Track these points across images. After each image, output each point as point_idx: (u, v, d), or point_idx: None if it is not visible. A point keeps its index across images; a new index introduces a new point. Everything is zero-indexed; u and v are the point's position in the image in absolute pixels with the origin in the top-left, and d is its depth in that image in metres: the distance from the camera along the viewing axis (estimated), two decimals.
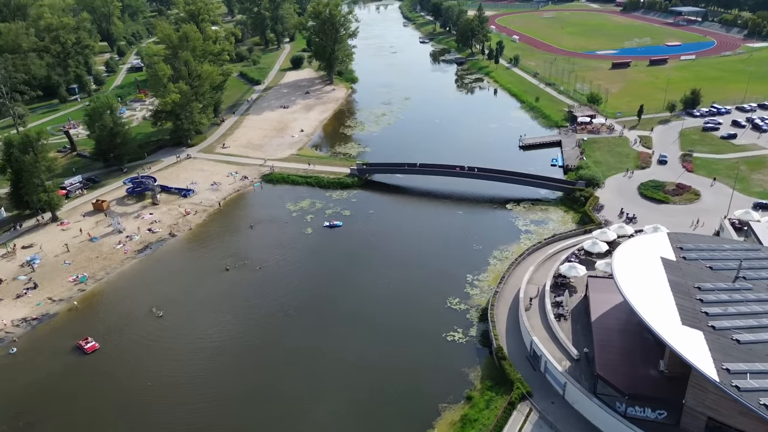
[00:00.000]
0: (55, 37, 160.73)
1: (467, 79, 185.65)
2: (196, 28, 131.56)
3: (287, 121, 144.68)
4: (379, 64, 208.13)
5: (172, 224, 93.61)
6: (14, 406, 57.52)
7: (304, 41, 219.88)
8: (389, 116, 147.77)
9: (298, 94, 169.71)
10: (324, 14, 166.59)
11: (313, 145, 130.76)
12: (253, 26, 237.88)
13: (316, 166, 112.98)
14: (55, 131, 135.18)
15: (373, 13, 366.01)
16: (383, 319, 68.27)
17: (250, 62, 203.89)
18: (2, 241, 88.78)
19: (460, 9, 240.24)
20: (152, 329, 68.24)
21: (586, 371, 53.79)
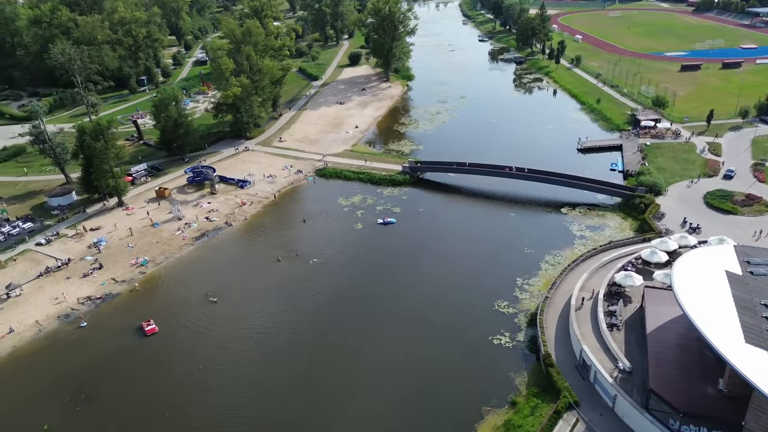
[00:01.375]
0: (128, 30, 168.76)
1: (526, 79, 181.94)
2: (258, 24, 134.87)
3: (342, 117, 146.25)
4: (436, 62, 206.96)
5: (229, 214, 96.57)
6: (77, 379, 60.92)
7: (362, 38, 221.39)
8: (444, 114, 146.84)
9: (354, 90, 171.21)
10: (383, 11, 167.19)
11: (366, 141, 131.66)
12: (313, 22, 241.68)
13: (371, 162, 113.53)
14: (124, 120, 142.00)
15: (432, 10, 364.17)
16: (430, 318, 68.06)
17: (309, 58, 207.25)
18: (72, 223, 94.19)
19: (521, 7, 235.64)
20: (206, 314, 70.69)
21: (638, 385, 51.84)
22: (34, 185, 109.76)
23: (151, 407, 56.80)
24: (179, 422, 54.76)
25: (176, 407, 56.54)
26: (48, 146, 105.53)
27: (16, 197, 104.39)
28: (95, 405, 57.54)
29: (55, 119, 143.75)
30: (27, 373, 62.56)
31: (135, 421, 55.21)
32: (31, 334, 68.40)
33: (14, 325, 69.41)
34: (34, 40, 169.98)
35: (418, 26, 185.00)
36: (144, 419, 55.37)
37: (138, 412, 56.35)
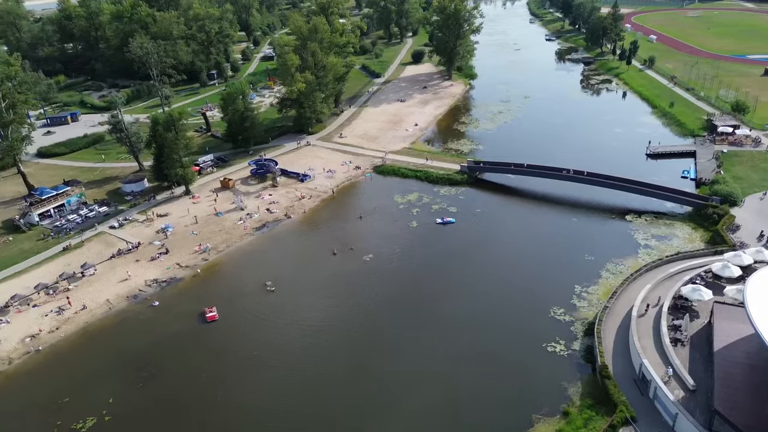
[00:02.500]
0: (201, 26, 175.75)
1: (594, 80, 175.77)
2: (325, 21, 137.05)
3: (403, 114, 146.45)
4: (501, 61, 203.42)
5: (288, 206, 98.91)
6: (142, 357, 64.22)
7: (426, 36, 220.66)
8: (506, 114, 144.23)
9: (415, 88, 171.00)
10: (449, 9, 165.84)
11: (426, 139, 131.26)
12: (378, 20, 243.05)
13: (432, 161, 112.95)
14: (194, 112, 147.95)
15: (498, 8, 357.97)
16: (482, 320, 67.19)
17: (372, 55, 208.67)
18: (143, 209, 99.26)
19: (592, 5, 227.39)
20: (263, 303, 72.76)
21: (702, 404, 49.18)
22: (110, 171, 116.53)
23: (207, 389, 59.08)
24: (231, 405, 56.69)
25: (229, 391, 58.50)
26: (124, 135, 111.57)
27: (93, 182, 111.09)
28: (156, 383, 60.46)
29: (131, 110, 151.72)
30: (96, 348, 66.57)
31: (191, 401, 57.61)
32: (102, 312, 72.70)
33: (87, 302, 73.99)
34: (115, 35, 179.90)
35: (483, 24, 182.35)
36: (199, 399, 57.67)
37: (194, 392, 58.76)
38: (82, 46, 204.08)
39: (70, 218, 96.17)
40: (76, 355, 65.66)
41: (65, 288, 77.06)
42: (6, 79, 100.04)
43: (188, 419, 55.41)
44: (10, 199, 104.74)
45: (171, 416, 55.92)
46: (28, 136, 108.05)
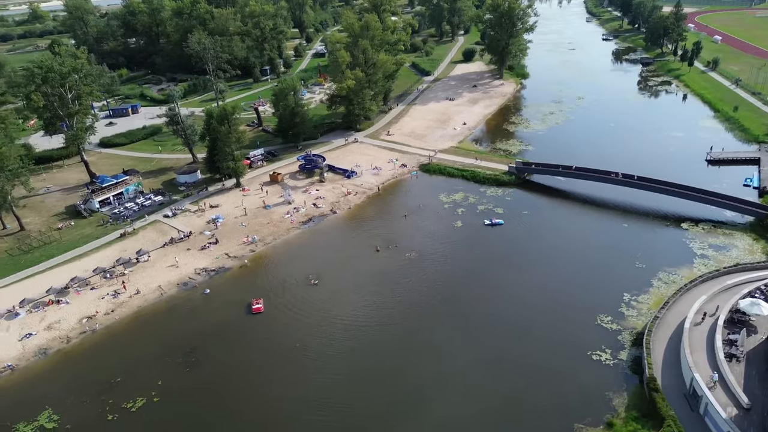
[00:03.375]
0: (257, 22, 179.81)
1: (652, 82, 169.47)
2: (377, 18, 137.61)
3: (451, 113, 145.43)
4: (554, 61, 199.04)
5: (334, 202, 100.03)
6: (189, 342, 66.49)
7: (478, 34, 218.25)
8: (558, 115, 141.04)
9: (465, 87, 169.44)
10: (503, 7, 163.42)
11: (473, 138, 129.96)
12: (430, 18, 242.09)
13: (480, 161, 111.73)
14: (246, 107, 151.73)
15: (554, 7, 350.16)
16: (525, 324, 66.05)
17: (422, 53, 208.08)
18: (195, 200, 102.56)
19: (653, 4, 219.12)
20: (306, 297, 73.90)
21: (757, 424, 46.80)
22: (166, 162, 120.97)
23: (250, 377, 60.62)
24: (273, 393, 57.99)
25: (271, 380, 59.82)
26: (180, 127, 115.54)
27: (150, 172, 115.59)
28: (202, 368, 62.47)
29: (187, 103, 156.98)
30: (148, 332, 69.37)
31: (235, 388, 59.16)
32: (154, 297, 75.67)
33: (141, 287, 77.16)
34: (175, 30, 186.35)
35: (538, 23, 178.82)
36: (243, 387, 59.20)
37: (238, 379, 60.36)
38: (144, 41, 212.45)
39: (128, 206, 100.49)
40: (129, 337, 68.60)
41: (121, 273, 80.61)
42: (73, 72, 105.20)
43: (232, 405, 56.93)
44: (74, 186, 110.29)
45: (215, 401, 57.63)
46: (92, 126, 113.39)
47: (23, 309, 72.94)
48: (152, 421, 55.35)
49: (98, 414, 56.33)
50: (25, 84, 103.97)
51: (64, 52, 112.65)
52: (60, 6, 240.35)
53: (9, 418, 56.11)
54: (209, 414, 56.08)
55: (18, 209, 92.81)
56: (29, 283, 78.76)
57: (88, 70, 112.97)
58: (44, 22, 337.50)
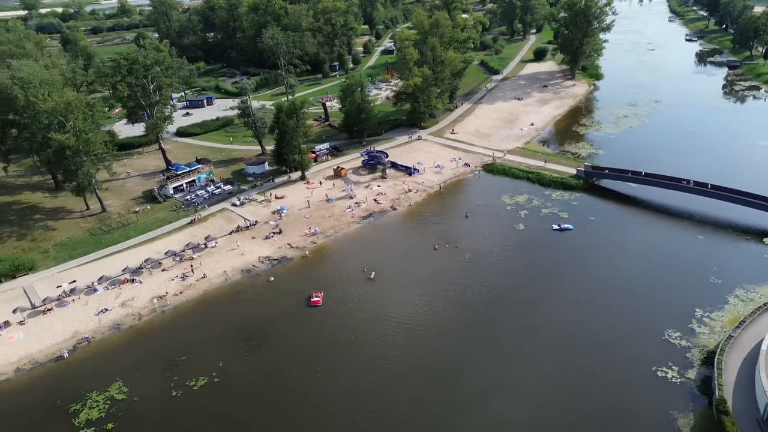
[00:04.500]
0: (328, 19, 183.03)
1: (738, 86, 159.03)
2: (447, 16, 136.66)
3: (518, 113, 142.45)
4: (631, 61, 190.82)
5: (395, 198, 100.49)
6: (249, 328, 68.88)
7: (551, 33, 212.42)
8: (632, 119, 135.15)
9: (535, 86, 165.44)
10: (578, 5, 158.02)
11: (541, 140, 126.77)
12: (502, 15, 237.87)
13: (549, 163, 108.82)
14: (315, 102, 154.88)
15: (634, 5, 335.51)
16: (587, 334, 63.86)
17: (492, 51, 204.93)
18: (262, 190, 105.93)
19: (744, 4, 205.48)
20: (363, 291, 74.75)
21: None
22: (236, 153, 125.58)
23: (307, 365, 61.98)
24: (328, 382, 59.05)
25: (326, 369, 60.91)
26: (251, 120, 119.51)
27: (221, 162, 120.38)
28: (261, 353, 64.58)
29: (259, 96, 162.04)
30: (212, 315, 72.39)
31: (291, 374, 60.79)
32: (220, 282, 78.89)
33: (207, 271, 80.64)
34: (250, 25, 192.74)
35: (615, 22, 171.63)
36: (299, 374, 60.72)
37: (295, 366, 61.96)
38: (221, 36, 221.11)
39: (199, 193, 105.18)
40: (194, 318, 71.90)
41: (190, 257, 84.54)
42: (155, 64, 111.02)
43: (287, 390, 58.52)
44: (151, 172, 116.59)
45: (272, 386, 59.45)
46: (170, 116, 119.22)
47: (101, 285, 77.99)
48: (212, 401, 57.73)
49: (163, 389, 59.44)
50: (112, 74, 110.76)
51: (148, 45, 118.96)
52: (146, 1, 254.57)
53: (83, 387, 60.23)
54: (266, 397, 57.88)
55: (101, 192, 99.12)
56: (108, 262, 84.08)
57: (169, 63, 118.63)
58: (131, 16, 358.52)
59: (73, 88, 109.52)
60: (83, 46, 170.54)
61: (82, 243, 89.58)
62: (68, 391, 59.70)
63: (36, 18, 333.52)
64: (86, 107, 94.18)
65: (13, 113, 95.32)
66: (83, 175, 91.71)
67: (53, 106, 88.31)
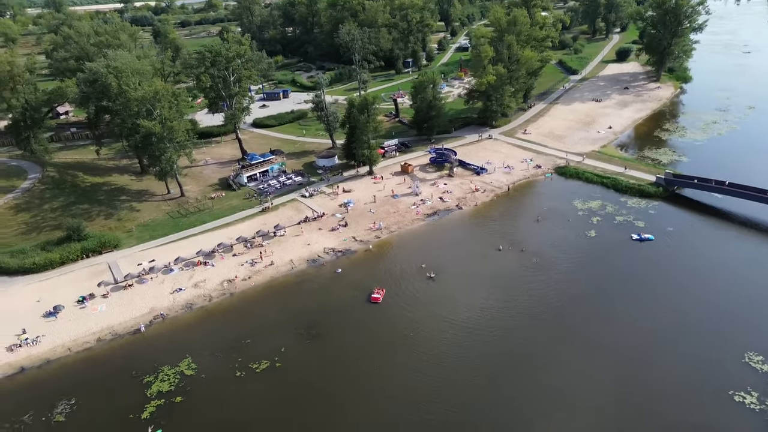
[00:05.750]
0: (404, 15, 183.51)
1: None
2: (526, 13, 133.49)
3: (596, 115, 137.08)
4: (724, 64, 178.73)
5: (461, 197, 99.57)
6: (311, 317, 70.48)
7: (636, 32, 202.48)
8: (721, 125, 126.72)
9: (615, 88, 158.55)
10: (668, 4, 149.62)
11: (619, 144, 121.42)
12: (584, 13, 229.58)
13: (628, 170, 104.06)
14: (386, 98, 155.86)
15: (730, 5, 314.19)
16: (657, 351, 60.52)
17: (571, 51, 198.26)
18: (331, 183, 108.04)
19: None
20: (423, 290, 74.58)
21: None
22: (308, 146, 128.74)
23: (364, 358, 62.81)
24: (383, 377, 59.60)
25: (382, 363, 61.50)
26: (324, 114, 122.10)
27: (293, 154, 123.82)
28: (322, 342, 66.03)
29: (332, 91, 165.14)
30: (277, 301, 74.85)
31: (349, 365, 61.78)
32: (286, 270, 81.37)
33: (275, 259, 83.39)
34: (328, 21, 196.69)
35: (708, 22, 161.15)
36: (357, 366, 61.66)
37: (353, 357, 62.93)
38: (300, 31, 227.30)
39: (271, 183, 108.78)
40: (260, 303, 74.61)
41: (259, 244, 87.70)
42: (237, 57, 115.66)
43: (344, 381, 59.58)
44: (228, 161, 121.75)
45: (330, 376, 60.60)
46: (248, 107, 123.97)
47: (177, 266, 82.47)
48: (273, 384, 59.69)
49: (229, 369, 62.14)
50: (196, 66, 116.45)
51: (231, 38, 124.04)
52: None
53: (156, 360, 64.03)
54: (323, 386, 59.08)
55: (181, 177, 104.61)
56: (184, 244, 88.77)
57: (249, 56, 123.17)
58: (217, 10, 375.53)
59: (161, 78, 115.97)
60: (172, 39, 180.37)
61: (161, 225, 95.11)
62: (143, 363, 63.68)
63: (131, 11, 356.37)
64: (172, 96, 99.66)
65: (107, 100, 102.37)
66: (166, 161, 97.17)
67: (143, 94, 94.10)
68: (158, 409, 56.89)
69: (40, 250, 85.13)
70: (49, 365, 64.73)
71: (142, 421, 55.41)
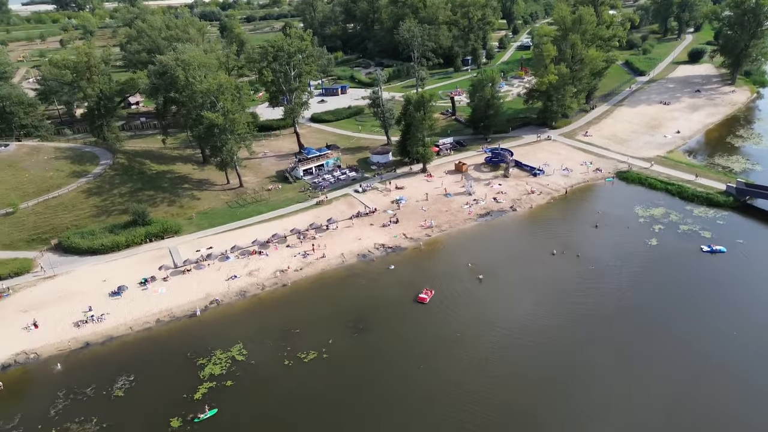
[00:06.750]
0: (465, 12, 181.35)
1: None
2: (592, 12, 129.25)
3: (663, 119, 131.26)
4: None
5: (516, 199, 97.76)
6: (359, 311, 71.23)
7: (710, 33, 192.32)
8: None
9: (685, 91, 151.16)
10: (747, 3, 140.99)
11: (687, 150, 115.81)
12: (655, 12, 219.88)
13: (698, 177, 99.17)
14: (443, 96, 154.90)
15: None
16: (718, 371, 57.58)
17: (639, 51, 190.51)
18: (384, 179, 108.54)
19: None
20: (471, 291, 73.74)
21: None
22: (363, 142, 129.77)
23: (409, 356, 62.85)
24: (428, 376, 59.46)
25: (427, 362, 61.39)
26: (380, 110, 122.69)
27: (348, 149, 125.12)
28: (369, 337, 66.65)
29: (389, 87, 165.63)
30: (327, 293, 75.98)
31: (395, 363, 62.08)
32: (337, 263, 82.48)
33: (326, 252, 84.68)
34: (389, 17, 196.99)
35: None
36: (402, 363, 61.81)
37: (398, 354, 63.16)
38: (360, 27, 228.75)
39: (326, 177, 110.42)
40: (311, 295, 75.99)
41: (312, 236, 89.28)
42: (298, 52, 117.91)
43: (389, 377, 59.94)
44: (285, 154, 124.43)
45: (376, 371, 61.15)
46: (307, 102, 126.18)
47: (233, 254, 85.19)
48: (320, 375, 60.75)
49: (277, 357, 63.72)
50: (259, 60, 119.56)
51: (293, 34, 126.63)
52: None
53: (210, 344, 66.47)
54: (368, 381, 59.69)
55: (240, 168, 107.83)
56: (240, 233, 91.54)
57: (310, 52, 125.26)
58: (281, 6, 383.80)
59: (225, 71, 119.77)
60: (237, 34, 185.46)
61: (220, 213, 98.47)
62: (197, 345, 66.27)
63: (200, 6, 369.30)
64: (235, 90, 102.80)
65: (174, 91, 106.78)
66: (227, 152, 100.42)
67: (207, 87, 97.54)
68: (209, 391, 59.09)
69: (107, 232, 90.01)
70: (112, 342, 68.45)
71: (195, 402, 57.70)
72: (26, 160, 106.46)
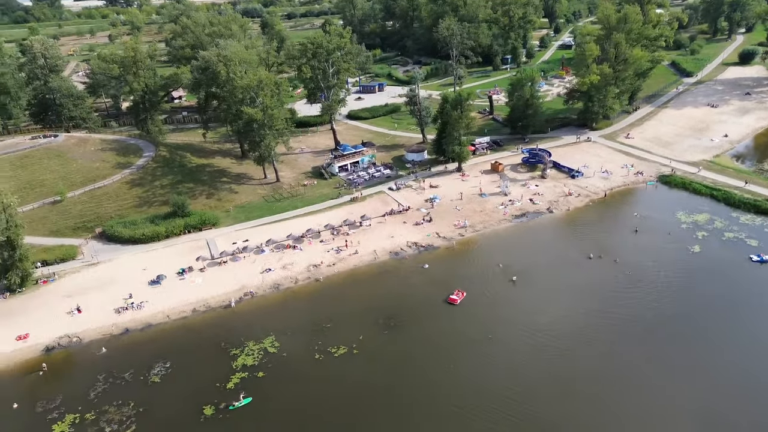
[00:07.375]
0: (506, 10, 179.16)
1: None
2: (638, 10, 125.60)
3: (710, 122, 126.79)
4: None
5: (553, 200, 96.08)
6: (390, 308, 71.15)
7: (763, 33, 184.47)
8: None
9: (735, 93, 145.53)
10: None
11: (735, 154, 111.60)
12: (704, 12, 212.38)
13: (750, 184, 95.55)
14: (481, 94, 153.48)
15: None
16: (760, 386, 55.54)
17: (687, 51, 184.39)
18: (418, 178, 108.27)
19: None
20: (504, 294, 72.77)
21: None
22: (398, 139, 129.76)
23: (440, 356, 62.52)
24: (458, 377, 59.06)
25: (458, 364, 61.01)
26: (416, 108, 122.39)
27: (384, 147, 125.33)
28: (399, 335, 66.56)
29: (427, 85, 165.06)
30: (358, 289, 76.37)
31: (425, 362, 61.80)
32: (369, 260, 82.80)
33: (359, 248, 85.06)
34: (428, 15, 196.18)
35: None
36: (432, 363, 61.55)
37: (428, 354, 62.88)
38: (399, 25, 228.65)
39: (361, 174, 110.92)
40: (342, 290, 76.49)
41: (345, 232, 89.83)
42: (337, 49, 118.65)
43: (420, 377, 59.67)
44: (321, 150, 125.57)
45: (405, 369, 60.96)
46: (344, 99, 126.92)
47: (268, 248, 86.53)
48: (350, 371, 61.03)
49: (308, 351, 64.38)
50: (298, 57, 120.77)
51: (332, 31, 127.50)
52: None
53: (243, 335, 67.69)
54: (398, 379, 59.53)
55: (277, 163, 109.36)
56: (275, 227, 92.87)
57: (349, 49, 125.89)
58: (321, 3, 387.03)
59: (265, 67, 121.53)
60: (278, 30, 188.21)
61: (257, 207, 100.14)
62: (231, 336, 67.60)
63: (243, 3, 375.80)
64: (274, 86, 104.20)
65: (215, 86, 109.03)
66: (265, 147, 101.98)
67: (248, 82, 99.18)
68: (242, 381, 60.18)
69: (148, 222, 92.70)
70: (150, 329, 70.50)
71: (227, 391, 58.89)
72: (74, 150, 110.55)
